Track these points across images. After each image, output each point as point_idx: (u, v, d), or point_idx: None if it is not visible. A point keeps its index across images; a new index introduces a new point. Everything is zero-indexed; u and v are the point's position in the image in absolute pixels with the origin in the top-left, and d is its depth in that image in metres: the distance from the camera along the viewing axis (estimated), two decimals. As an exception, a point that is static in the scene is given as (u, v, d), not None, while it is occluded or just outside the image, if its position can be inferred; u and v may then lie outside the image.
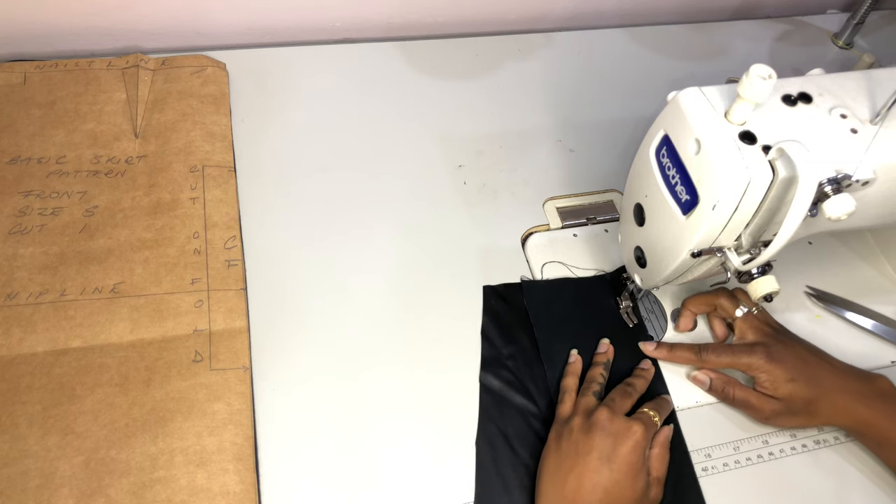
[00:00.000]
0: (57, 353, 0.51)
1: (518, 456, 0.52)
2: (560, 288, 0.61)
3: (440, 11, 0.80)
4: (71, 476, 0.47)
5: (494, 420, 0.53)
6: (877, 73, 0.49)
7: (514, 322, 0.58)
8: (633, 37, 0.84)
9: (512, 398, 0.55)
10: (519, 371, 0.56)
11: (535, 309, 0.59)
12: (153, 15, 0.71)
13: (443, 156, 0.69)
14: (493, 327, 0.58)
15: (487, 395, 0.55)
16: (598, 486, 0.46)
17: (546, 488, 0.48)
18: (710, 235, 0.45)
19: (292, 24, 0.77)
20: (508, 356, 0.57)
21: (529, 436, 0.53)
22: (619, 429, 0.49)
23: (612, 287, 0.61)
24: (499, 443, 0.53)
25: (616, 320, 0.60)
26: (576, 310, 0.59)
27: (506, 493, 0.50)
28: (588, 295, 0.61)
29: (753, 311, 0.56)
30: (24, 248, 0.56)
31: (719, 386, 0.55)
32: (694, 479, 0.52)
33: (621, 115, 0.75)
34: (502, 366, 0.56)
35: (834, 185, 0.43)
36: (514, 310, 0.59)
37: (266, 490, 0.49)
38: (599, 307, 0.60)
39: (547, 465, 0.49)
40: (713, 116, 0.44)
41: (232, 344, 0.54)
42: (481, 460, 0.52)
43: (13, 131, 0.62)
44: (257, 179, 0.64)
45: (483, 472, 0.51)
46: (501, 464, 0.52)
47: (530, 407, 0.55)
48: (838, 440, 0.55)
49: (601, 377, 0.54)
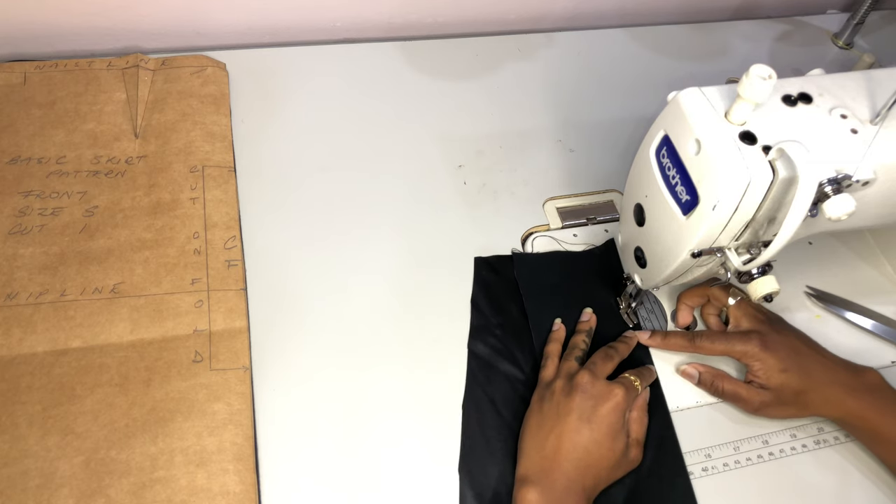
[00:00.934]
0: (57, 354, 0.51)
1: (503, 419, 0.53)
2: (550, 260, 0.62)
3: (440, 11, 0.80)
4: (71, 476, 0.47)
5: (481, 385, 0.55)
6: (877, 73, 0.49)
7: (503, 293, 0.60)
8: (633, 37, 0.84)
9: (499, 364, 0.56)
10: (507, 339, 0.57)
11: (524, 280, 0.60)
12: (153, 15, 0.71)
13: (443, 156, 0.69)
14: (482, 297, 0.59)
15: (475, 361, 0.56)
16: (578, 446, 0.48)
17: (527, 447, 0.49)
18: (710, 236, 0.45)
19: (292, 24, 0.77)
20: (497, 325, 0.58)
21: (515, 401, 0.54)
22: (599, 391, 0.50)
23: (601, 260, 0.63)
24: (485, 406, 0.54)
25: (603, 293, 0.61)
26: (565, 282, 0.61)
27: (490, 456, 0.52)
28: (577, 268, 0.62)
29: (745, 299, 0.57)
30: (24, 248, 0.56)
31: (708, 379, 0.55)
32: (675, 443, 0.53)
33: (621, 115, 0.75)
34: (491, 334, 0.57)
35: (834, 186, 0.43)
36: (504, 281, 0.60)
37: (266, 490, 0.49)
38: (588, 280, 0.61)
39: (529, 425, 0.51)
40: (713, 116, 0.44)
41: (232, 344, 0.54)
42: (467, 423, 0.53)
43: (13, 131, 0.62)
44: (257, 179, 0.64)
45: (468, 436, 0.53)
46: (487, 427, 0.53)
47: (517, 373, 0.56)
48: (838, 440, 0.55)
49: (584, 343, 0.56)
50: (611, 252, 0.63)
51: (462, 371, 0.56)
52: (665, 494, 0.51)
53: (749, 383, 0.54)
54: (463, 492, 0.50)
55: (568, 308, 0.59)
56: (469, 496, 0.50)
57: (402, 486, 0.50)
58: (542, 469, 0.48)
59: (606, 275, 0.62)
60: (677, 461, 0.53)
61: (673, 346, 0.57)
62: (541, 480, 0.47)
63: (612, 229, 0.66)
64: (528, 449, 0.49)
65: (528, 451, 0.49)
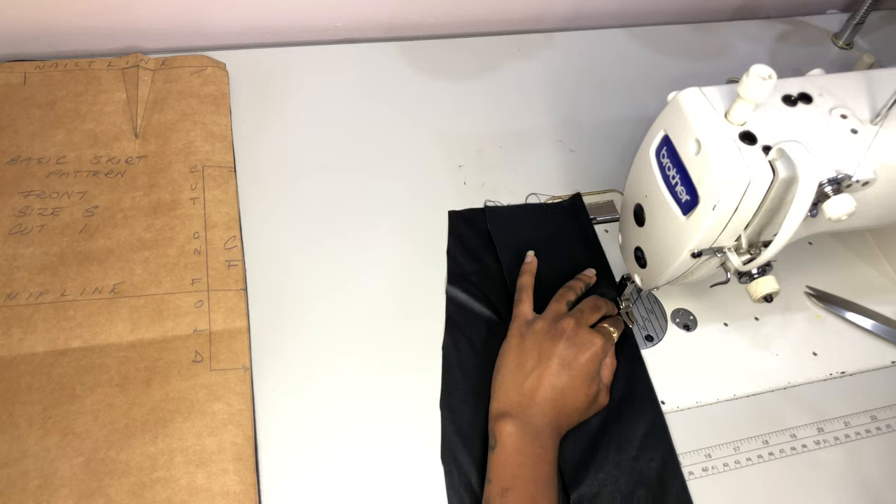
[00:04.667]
0: (57, 354, 0.51)
1: (480, 358, 0.55)
2: (522, 213, 0.64)
3: (441, 11, 0.80)
4: (71, 476, 0.47)
5: (459, 327, 0.57)
6: (877, 74, 0.49)
7: (478, 244, 0.62)
8: (633, 37, 0.84)
9: (475, 308, 0.58)
10: (484, 286, 0.59)
11: (497, 232, 0.62)
12: (153, 15, 0.71)
13: (443, 156, 0.69)
14: (458, 247, 0.62)
15: (453, 305, 0.58)
16: (556, 389, 0.50)
17: (506, 383, 0.51)
18: (710, 236, 0.45)
19: (292, 24, 0.77)
20: (473, 272, 0.60)
21: (492, 341, 0.56)
22: (582, 340, 0.51)
23: (571, 212, 0.65)
24: (463, 346, 0.56)
25: (576, 244, 0.63)
26: (537, 233, 0.63)
27: (468, 392, 0.53)
28: (547, 220, 0.64)
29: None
30: (24, 248, 0.56)
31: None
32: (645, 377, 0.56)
33: (621, 115, 0.75)
34: (468, 281, 0.60)
35: (834, 186, 0.43)
36: (478, 234, 0.63)
37: (266, 490, 0.49)
38: (560, 231, 0.63)
39: (507, 361, 0.52)
40: (713, 117, 0.44)
41: (232, 344, 0.54)
42: (448, 364, 0.55)
43: (13, 131, 0.62)
44: (257, 179, 0.64)
45: (449, 375, 0.55)
46: (465, 365, 0.55)
47: (492, 316, 0.58)
48: (838, 440, 0.55)
49: (580, 290, 0.57)
50: (577, 205, 0.65)
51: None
52: (637, 422, 0.54)
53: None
54: (444, 427, 0.52)
55: (540, 257, 0.60)
56: (450, 430, 0.52)
57: (403, 486, 0.50)
58: (519, 405, 0.49)
59: (575, 227, 0.64)
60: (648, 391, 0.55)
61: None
62: (518, 415, 0.49)
63: (613, 229, 0.66)
64: (506, 384, 0.51)
65: (507, 386, 0.51)
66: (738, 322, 0.61)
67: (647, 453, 0.52)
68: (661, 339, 0.59)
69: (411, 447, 0.52)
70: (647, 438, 0.53)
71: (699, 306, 0.61)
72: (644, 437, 0.53)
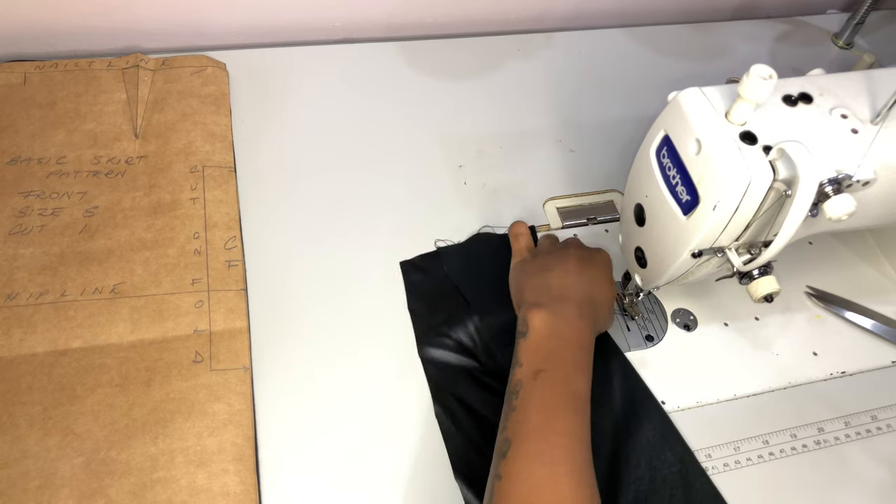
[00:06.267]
0: (57, 354, 0.51)
1: (476, 413, 0.53)
2: (476, 245, 0.63)
3: (440, 11, 0.80)
4: (71, 477, 0.47)
5: (446, 388, 0.54)
6: (877, 73, 0.49)
7: (437, 292, 0.59)
8: (633, 37, 0.84)
9: (455, 362, 0.55)
10: (455, 334, 0.56)
11: (457, 273, 0.60)
12: (153, 15, 0.71)
13: (443, 156, 0.69)
14: (418, 301, 0.59)
15: (431, 367, 0.55)
16: (583, 278, 0.51)
17: (532, 282, 0.51)
18: (710, 236, 0.45)
19: (292, 24, 0.77)
20: (441, 323, 0.57)
21: (480, 391, 0.54)
22: (589, 248, 0.55)
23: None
24: (455, 408, 0.53)
25: None
26: (496, 263, 0.60)
27: (478, 451, 0.51)
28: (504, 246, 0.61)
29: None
30: (24, 248, 0.56)
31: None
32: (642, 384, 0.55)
33: (621, 115, 0.75)
34: (438, 334, 0.56)
35: (834, 186, 0.43)
36: (435, 279, 0.60)
37: (266, 490, 0.49)
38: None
39: (525, 271, 0.54)
40: (714, 116, 0.44)
41: (232, 344, 0.54)
42: (445, 430, 0.52)
43: (13, 131, 0.62)
44: (257, 179, 0.64)
45: (451, 440, 0.52)
46: (464, 426, 0.52)
47: (475, 365, 0.55)
48: (838, 440, 0.55)
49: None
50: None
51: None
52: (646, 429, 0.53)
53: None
54: (465, 496, 0.49)
55: (501, 285, 0.58)
56: (471, 498, 0.49)
57: (403, 487, 0.50)
58: (550, 297, 0.49)
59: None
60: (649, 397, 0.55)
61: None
62: (551, 305, 0.48)
63: (613, 229, 0.66)
64: (533, 283, 0.51)
65: (534, 284, 0.51)
66: (738, 322, 0.61)
67: (665, 458, 0.52)
68: (661, 339, 0.59)
69: (411, 447, 0.52)
70: (661, 443, 0.52)
71: (699, 306, 0.61)
72: (659, 443, 0.52)
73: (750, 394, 0.57)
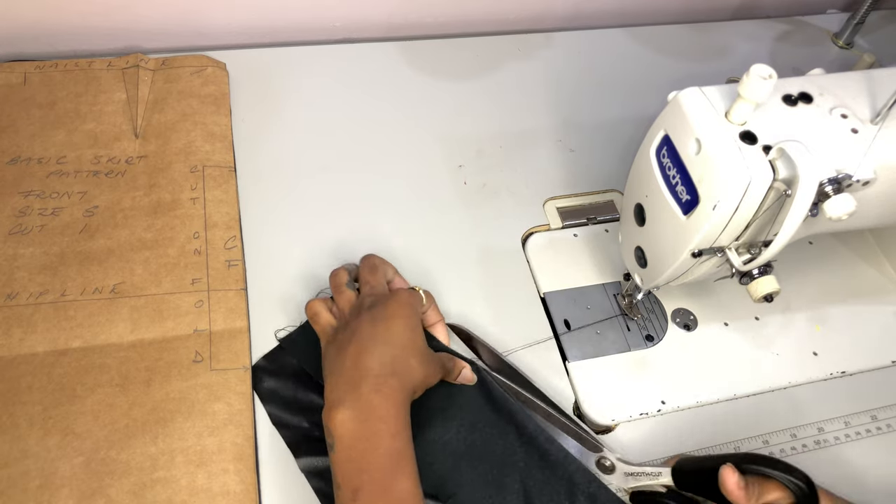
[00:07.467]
0: (57, 354, 0.51)
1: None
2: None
3: (440, 11, 0.80)
4: (71, 476, 0.47)
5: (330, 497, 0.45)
6: (877, 73, 0.49)
7: (294, 390, 0.53)
8: (633, 37, 0.84)
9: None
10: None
11: (307, 360, 0.53)
12: (153, 15, 0.71)
13: (443, 156, 0.69)
14: (280, 410, 0.52)
15: (317, 479, 0.49)
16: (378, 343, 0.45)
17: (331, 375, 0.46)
18: (710, 235, 0.45)
19: (292, 24, 0.77)
20: (313, 425, 0.51)
21: None
22: (382, 292, 0.50)
23: None
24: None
25: None
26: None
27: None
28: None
29: None
30: (24, 248, 0.56)
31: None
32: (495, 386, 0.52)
33: (621, 115, 0.75)
34: (311, 439, 0.50)
35: (834, 185, 0.43)
36: (289, 376, 0.53)
37: (266, 490, 0.49)
38: None
39: (327, 358, 0.48)
40: (714, 116, 0.44)
41: (232, 344, 0.54)
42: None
43: (13, 131, 0.62)
44: (257, 179, 0.64)
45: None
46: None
47: None
48: (838, 440, 0.55)
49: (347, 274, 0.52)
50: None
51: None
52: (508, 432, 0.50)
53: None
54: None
55: None
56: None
57: (403, 487, 0.50)
58: (349, 384, 0.44)
59: None
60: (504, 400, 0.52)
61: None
62: (349, 396, 0.43)
63: (613, 229, 0.66)
64: (332, 376, 0.45)
65: (332, 377, 0.45)
66: (738, 322, 0.61)
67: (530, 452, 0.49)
68: (661, 339, 0.59)
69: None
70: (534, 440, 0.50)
71: (699, 306, 0.61)
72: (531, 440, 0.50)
73: (750, 394, 0.57)
